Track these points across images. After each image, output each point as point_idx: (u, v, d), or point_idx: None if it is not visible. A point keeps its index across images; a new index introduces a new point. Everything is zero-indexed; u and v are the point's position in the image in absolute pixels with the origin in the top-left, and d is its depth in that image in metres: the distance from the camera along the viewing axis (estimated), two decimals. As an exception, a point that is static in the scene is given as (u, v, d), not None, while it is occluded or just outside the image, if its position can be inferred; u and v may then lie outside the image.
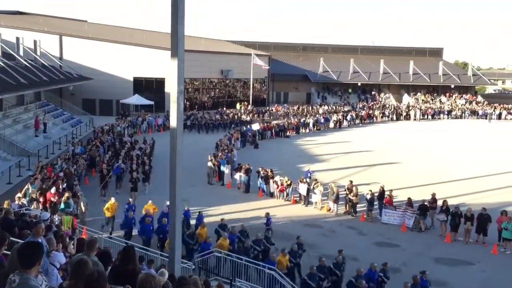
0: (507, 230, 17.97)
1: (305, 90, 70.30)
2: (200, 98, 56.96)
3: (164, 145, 29.65)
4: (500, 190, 26.26)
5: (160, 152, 30.09)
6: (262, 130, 42.25)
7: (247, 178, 25.19)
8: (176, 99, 8.92)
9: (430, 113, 60.34)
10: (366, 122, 54.54)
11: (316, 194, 22.83)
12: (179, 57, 8.82)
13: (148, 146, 31.22)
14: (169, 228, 10.81)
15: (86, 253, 5.85)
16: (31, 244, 4.37)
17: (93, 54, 48.37)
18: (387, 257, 16.48)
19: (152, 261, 11.32)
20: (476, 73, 75.25)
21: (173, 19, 8.66)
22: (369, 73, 69.91)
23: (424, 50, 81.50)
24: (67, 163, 24.18)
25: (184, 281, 6.43)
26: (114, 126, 38.27)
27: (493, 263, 17.10)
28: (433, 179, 27.84)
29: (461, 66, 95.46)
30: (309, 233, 19.30)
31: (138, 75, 50.14)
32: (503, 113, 60.77)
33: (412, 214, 20.35)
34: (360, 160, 33.47)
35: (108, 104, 49.49)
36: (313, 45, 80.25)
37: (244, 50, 64.20)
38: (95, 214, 19.88)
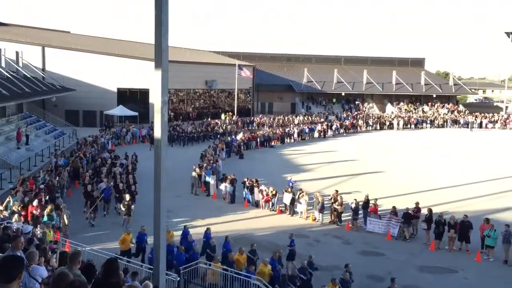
0: (490, 237, 18.18)
1: (289, 100, 70.65)
2: (185, 109, 56.85)
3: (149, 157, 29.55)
4: (483, 198, 26.60)
5: (143, 163, 29.80)
6: (247, 140, 42.27)
7: (233, 188, 25.14)
8: (160, 110, 8.91)
9: (413, 122, 61.05)
10: (350, 132, 54.92)
11: (302, 203, 22.86)
12: (163, 68, 8.83)
13: (131, 163, 28.96)
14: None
15: (69, 266, 5.76)
16: (12, 259, 4.29)
17: (76, 65, 48.03)
18: (372, 266, 16.56)
19: (136, 273, 11.18)
20: (457, 83, 76.49)
21: (157, 30, 8.66)
22: (353, 83, 70.60)
23: (406, 60, 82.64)
24: (50, 175, 23.87)
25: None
26: (98, 137, 37.95)
27: (477, 270, 17.26)
28: (416, 188, 28.11)
29: (443, 75, 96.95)
30: (295, 243, 19.27)
31: (122, 86, 49.90)
32: (484, 122, 61.74)
33: (396, 223, 20.49)
34: (345, 169, 33.65)
35: (92, 115, 49.11)
36: (297, 55, 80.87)
37: (228, 60, 64.37)
38: (78, 227, 19.64)
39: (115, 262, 5.63)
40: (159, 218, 9.38)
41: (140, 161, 30.79)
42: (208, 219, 21.79)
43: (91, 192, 21.54)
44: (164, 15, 8.43)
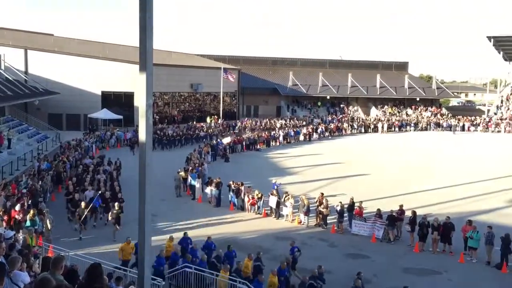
0: (473, 239, 18.40)
1: (275, 104, 70.80)
2: (170, 112, 56.61)
3: (131, 162, 29.32)
4: (466, 200, 26.93)
5: (126, 168, 29.53)
6: (232, 143, 42.25)
7: (218, 191, 25.08)
8: (145, 113, 8.84)
9: (397, 125, 61.64)
10: (335, 135, 55.25)
11: (287, 206, 22.89)
12: (148, 71, 8.74)
13: (114, 170, 27.92)
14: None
15: (52, 271, 5.67)
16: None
17: (59, 68, 47.58)
18: (358, 268, 16.61)
19: (121, 278, 11.08)
20: (440, 86, 77.45)
21: (141, 33, 8.59)
22: (338, 87, 71.04)
23: (390, 64, 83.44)
24: (33, 179, 23.57)
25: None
26: (81, 141, 37.59)
27: (460, 271, 17.45)
28: (400, 190, 28.35)
29: (426, 79, 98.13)
30: (280, 246, 19.29)
31: (106, 89, 49.52)
32: (466, 125, 62.59)
33: (381, 225, 20.63)
34: (330, 172, 33.79)
35: (76, 119, 48.64)
36: (283, 59, 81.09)
37: (214, 64, 64.33)
38: (61, 232, 19.42)
39: (99, 267, 5.57)
40: (144, 222, 9.29)
41: (123, 165, 30.46)
42: (193, 223, 21.71)
43: (79, 201, 20.68)
44: (148, 17, 8.37)
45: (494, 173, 34.22)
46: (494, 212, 24.64)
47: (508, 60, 78.05)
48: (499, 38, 71.03)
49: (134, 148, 38.01)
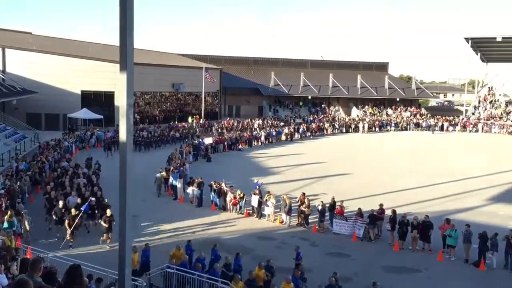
0: (451, 237, 18.70)
1: (257, 104, 70.87)
2: (151, 112, 56.20)
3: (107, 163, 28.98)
4: (445, 199, 27.37)
5: (104, 169, 29.13)
6: (214, 143, 42.16)
7: (200, 191, 25.01)
8: (125, 113, 8.78)
9: (377, 125, 62.29)
10: (317, 135, 55.57)
11: (269, 206, 22.94)
12: (128, 70, 8.67)
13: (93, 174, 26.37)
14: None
15: (30, 273, 5.59)
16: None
17: (38, 67, 46.84)
18: (339, 266, 16.76)
19: (101, 280, 10.97)
20: (419, 87, 78.50)
21: (121, 32, 8.53)
22: (319, 87, 71.47)
23: (370, 64, 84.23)
24: (10, 180, 23.17)
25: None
26: (61, 141, 37.07)
27: (439, 269, 17.72)
28: (381, 189, 28.66)
29: (406, 80, 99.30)
30: (262, 246, 19.35)
31: (86, 88, 48.93)
32: (445, 124, 63.58)
33: (362, 224, 20.83)
34: (312, 172, 33.97)
35: (55, 119, 47.93)
36: (264, 59, 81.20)
37: (195, 63, 64.10)
38: (40, 233, 19.13)
39: (78, 268, 5.51)
40: (125, 223, 9.23)
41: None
42: (175, 223, 21.62)
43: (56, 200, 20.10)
44: (129, 16, 8.31)
45: (471, 172, 34.83)
46: (471, 211, 25.10)
47: (485, 61, 79.54)
48: (476, 39, 72.34)
49: (110, 150, 37.37)
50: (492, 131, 61.60)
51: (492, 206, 26.46)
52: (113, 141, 38.62)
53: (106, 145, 38.85)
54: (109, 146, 38.36)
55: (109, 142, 38.98)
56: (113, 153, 36.41)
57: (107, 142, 39.53)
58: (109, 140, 39.83)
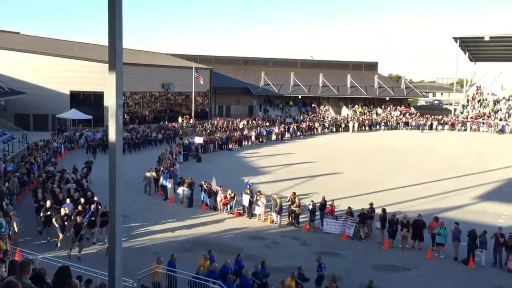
0: (441, 235, 18.85)
1: (247, 103, 70.87)
2: (141, 112, 55.95)
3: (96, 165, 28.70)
4: (433, 197, 27.58)
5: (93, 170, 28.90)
6: (204, 143, 42.09)
7: (190, 192, 24.95)
8: (115, 113, 8.73)
9: (367, 124, 62.59)
10: (307, 134, 55.71)
11: (259, 206, 22.96)
12: (118, 70, 8.62)
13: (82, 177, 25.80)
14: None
15: (18, 275, 5.54)
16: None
17: (26, 67, 46.40)
18: (329, 266, 16.80)
19: (91, 281, 10.90)
20: (408, 86, 79.00)
21: (110, 32, 8.48)
22: (309, 86, 71.64)
23: (360, 64, 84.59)
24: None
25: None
26: (50, 141, 36.78)
27: (429, 267, 17.84)
28: (371, 188, 28.81)
29: (395, 79, 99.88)
30: (253, 245, 19.36)
31: (75, 88, 48.57)
32: (434, 123, 64.05)
33: (352, 223, 20.92)
34: (302, 171, 34.05)
35: (43, 119, 47.52)
36: (254, 58, 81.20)
37: (185, 63, 63.92)
38: (29, 235, 18.97)
39: (67, 269, 5.47)
40: (115, 224, 9.19)
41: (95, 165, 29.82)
42: (166, 224, 21.54)
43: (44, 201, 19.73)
44: (118, 16, 8.27)
45: (460, 170, 35.15)
46: (460, 209, 25.33)
47: (473, 61, 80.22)
48: (464, 38, 72.95)
49: (95, 152, 36.56)
50: (481, 130, 62.17)
51: (481, 204, 26.72)
52: (100, 144, 37.95)
53: (91, 147, 37.83)
54: (94, 148, 37.45)
55: (94, 145, 38.09)
56: (96, 156, 35.46)
57: (92, 144, 38.45)
58: (94, 142, 38.92)
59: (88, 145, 38.60)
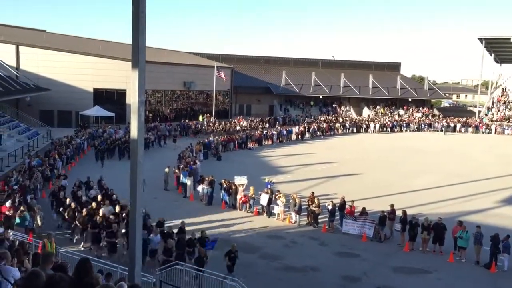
0: (462, 239, 18.57)
1: (267, 103, 70.85)
2: (162, 110, 56.47)
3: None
4: (456, 200, 27.15)
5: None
6: (225, 141, 42.26)
7: (211, 190, 25.10)
8: (137, 110, 8.86)
9: (388, 125, 61.93)
10: (328, 134, 55.42)
11: (278, 205, 22.95)
12: (140, 68, 8.77)
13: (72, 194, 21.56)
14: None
15: (41, 267, 5.67)
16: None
17: (51, 65, 47.29)
18: (348, 267, 16.73)
19: (110, 274, 11.06)
20: (432, 87, 77.89)
21: (134, 30, 8.60)
22: (330, 86, 71.22)
23: (382, 64, 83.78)
24: (23, 176, 23.42)
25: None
26: (73, 138, 37.39)
27: (449, 271, 17.60)
28: (392, 190, 28.52)
29: (418, 80, 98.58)
30: (271, 244, 19.36)
31: (99, 86, 49.30)
32: (457, 126, 63.03)
33: (371, 224, 20.75)
34: (322, 172, 33.91)
35: (67, 116, 48.38)
36: (276, 58, 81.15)
37: (207, 62, 64.23)
38: (51, 229, 19.31)
39: (88, 262, 5.57)
40: (135, 220, 9.33)
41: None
42: (186, 221, 21.66)
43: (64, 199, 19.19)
44: (141, 14, 8.40)
45: (483, 174, 34.54)
46: (483, 213, 24.89)
47: (499, 62, 78.71)
48: (490, 39, 71.63)
49: (103, 158, 33.48)
50: (505, 133, 60.95)
51: (504, 208, 26.21)
52: (106, 148, 34.80)
53: (99, 152, 34.11)
54: (102, 153, 33.90)
55: (102, 149, 34.20)
56: (104, 162, 33.13)
57: (100, 149, 34.35)
58: (102, 146, 34.67)
59: (97, 150, 34.51)
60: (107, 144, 35.62)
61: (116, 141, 36.62)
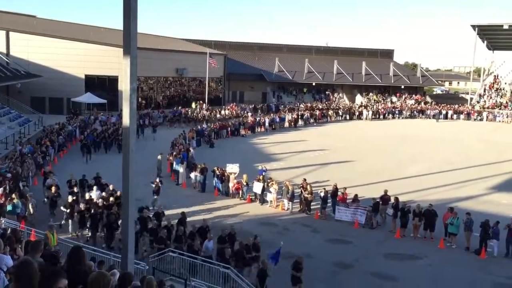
0: (453, 225, 18.76)
1: (260, 90, 70.65)
2: (155, 97, 56.16)
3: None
4: (446, 187, 27.36)
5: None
6: (217, 129, 42.20)
7: (203, 177, 25.11)
8: (129, 97, 8.79)
9: (382, 112, 62.06)
10: (321, 122, 55.46)
11: (271, 192, 23.03)
12: (132, 55, 8.69)
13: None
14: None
15: (31, 254, 5.67)
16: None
17: (42, 51, 46.78)
18: (340, 253, 16.88)
19: (103, 262, 11.09)
20: (424, 74, 78.00)
21: (125, 16, 8.50)
22: (323, 73, 71.10)
23: (376, 51, 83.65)
24: (15, 163, 23.30)
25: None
26: (65, 125, 37.15)
27: (440, 257, 17.80)
28: (384, 177, 28.67)
29: (411, 67, 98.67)
30: (264, 231, 19.45)
31: (90, 72, 48.88)
32: (449, 112, 63.28)
33: (364, 211, 20.91)
34: (315, 159, 34.00)
35: (59, 103, 48.02)
36: (269, 44, 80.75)
37: (199, 48, 63.80)
38: (44, 216, 19.28)
39: (80, 250, 5.57)
40: (128, 208, 9.32)
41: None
42: (179, 209, 21.68)
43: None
44: (133, 0, 8.30)
45: (474, 161, 34.79)
46: (474, 199, 25.13)
47: (491, 49, 78.85)
48: (483, 26, 71.65)
49: (90, 152, 30.64)
50: (497, 120, 61.32)
51: (494, 195, 26.47)
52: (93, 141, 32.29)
53: (84, 146, 31.09)
54: (88, 147, 30.93)
55: (87, 143, 31.26)
56: (91, 157, 30.62)
57: (86, 143, 31.45)
58: (88, 140, 31.91)
59: (82, 144, 31.44)
60: (94, 137, 33.19)
61: (103, 134, 34.62)
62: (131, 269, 9.00)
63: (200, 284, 13.30)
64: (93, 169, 24.19)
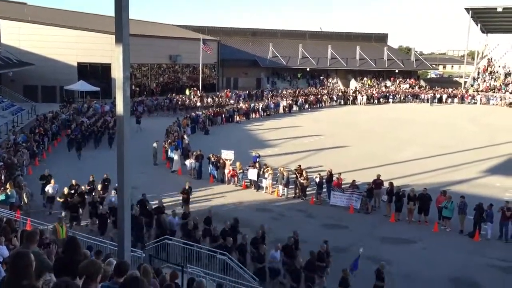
0: (447, 209, 18.91)
1: (254, 76, 70.33)
2: (148, 84, 55.84)
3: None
4: (440, 171, 27.53)
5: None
6: (212, 115, 42.09)
7: (199, 164, 25.11)
8: (122, 85, 8.72)
9: (376, 97, 62.07)
10: (315, 107, 55.43)
11: (266, 178, 23.08)
12: (124, 42, 8.60)
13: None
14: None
15: (26, 245, 5.67)
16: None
17: (34, 39, 46.27)
18: (335, 238, 16.97)
19: (100, 252, 11.09)
20: (418, 58, 77.90)
21: (117, 2, 8.40)
22: (317, 59, 70.85)
23: (369, 35, 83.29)
24: (8, 152, 23.17)
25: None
26: (58, 113, 36.93)
27: (434, 240, 17.97)
28: (378, 161, 28.77)
29: (405, 51, 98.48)
30: (260, 217, 19.54)
31: (83, 60, 48.46)
32: (443, 96, 63.39)
33: (359, 196, 21.02)
34: (310, 144, 34.05)
35: (52, 91, 47.64)
36: (262, 30, 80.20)
37: (192, 35, 63.30)
38: (40, 206, 19.27)
39: (75, 239, 5.58)
40: (123, 196, 9.31)
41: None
42: (174, 196, 21.73)
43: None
44: (124, -13, 8.18)
45: (468, 144, 34.95)
46: (467, 183, 25.31)
47: (485, 32, 78.73)
48: (477, 9, 71.45)
49: (80, 149, 28.36)
50: (491, 103, 61.52)
51: (488, 178, 26.67)
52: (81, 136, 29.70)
53: (72, 141, 29.33)
54: (78, 143, 28.65)
55: (76, 138, 29.17)
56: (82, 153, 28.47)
57: (72, 137, 29.57)
58: (75, 135, 29.73)
59: (69, 139, 29.67)
60: (82, 132, 30.74)
61: (91, 127, 32.46)
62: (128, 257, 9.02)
63: (198, 271, 13.37)
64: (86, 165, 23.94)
